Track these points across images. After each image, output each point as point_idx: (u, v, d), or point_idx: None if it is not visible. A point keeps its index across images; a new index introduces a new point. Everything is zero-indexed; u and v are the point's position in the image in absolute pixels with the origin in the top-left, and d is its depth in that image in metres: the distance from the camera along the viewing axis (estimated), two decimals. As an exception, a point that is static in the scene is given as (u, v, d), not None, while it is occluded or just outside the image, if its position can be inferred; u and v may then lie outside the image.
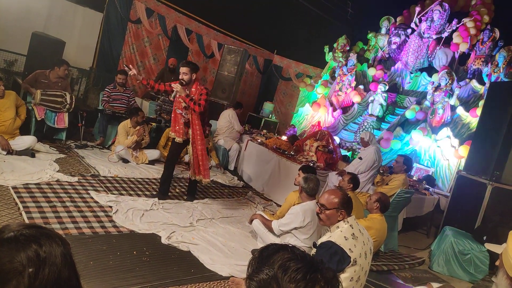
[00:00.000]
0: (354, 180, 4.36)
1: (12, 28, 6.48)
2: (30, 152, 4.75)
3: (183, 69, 4.18)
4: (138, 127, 5.69)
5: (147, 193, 4.63)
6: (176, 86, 4.08)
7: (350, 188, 4.26)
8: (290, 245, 1.10)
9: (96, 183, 4.48)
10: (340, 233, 2.33)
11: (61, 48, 6.53)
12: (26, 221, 3.19)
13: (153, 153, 5.90)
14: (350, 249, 2.26)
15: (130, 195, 4.42)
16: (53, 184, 4.10)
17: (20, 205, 3.42)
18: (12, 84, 6.28)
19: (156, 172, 5.44)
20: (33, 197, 3.67)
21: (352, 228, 2.38)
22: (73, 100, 5.60)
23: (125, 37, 8.19)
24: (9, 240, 1.00)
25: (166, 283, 2.87)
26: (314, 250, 2.37)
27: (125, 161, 5.58)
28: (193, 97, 4.17)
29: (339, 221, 2.40)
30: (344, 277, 2.23)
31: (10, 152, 4.56)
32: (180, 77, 4.20)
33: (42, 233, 1.04)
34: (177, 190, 5.07)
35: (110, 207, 3.91)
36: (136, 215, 3.88)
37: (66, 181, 4.26)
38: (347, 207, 2.39)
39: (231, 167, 6.91)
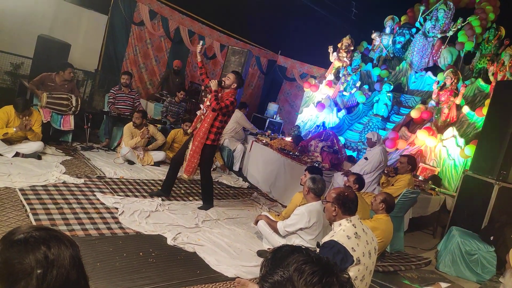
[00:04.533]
0: (359, 180, 4.36)
1: (18, 31, 6.54)
2: (36, 155, 4.80)
3: (229, 74, 4.47)
4: (143, 129, 5.72)
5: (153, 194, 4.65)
6: (212, 81, 4.30)
7: (356, 189, 4.25)
8: (303, 247, 1.09)
9: (102, 185, 4.50)
10: (342, 232, 2.35)
11: (66, 50, 6.57)
12: (33, 222, 3.22)
13: (159, 155, 5.93)
14: (352, 248, 2.27)
15: (136, 196, 4.44)
16: (59, 186, 4.13)
17: (27, 207, 3.45)
18: (19, 87, 6.33)
19: (162, 173, 5.45)
20: (40, 199, 3.70)
21: (355, 227, 2.39)
22: (79, 103, 5.64)
23: (129, 39, 8.24)
24: (19, 242, 1.02)
25: (172, 284, 2.88)
26: (318, 250, 2.37)
27: (131, 162, 5.61)
28: (218, 95, 4.33)
29: (334, 216, 2.43)
30: (349, 277, 2.23)
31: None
32: (224, 78, 4.46)
33: (52, 235, 1.06)
34: (183, 191, 5.09)
35: (116, 208, 3.94)
36: (142, 216, 3.90)
37: (72, 183, 4.29)
38: (342, 205, 2.41)
39: (236, 168, 6.92)
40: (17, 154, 4.64)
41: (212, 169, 6.44)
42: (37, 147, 4.80)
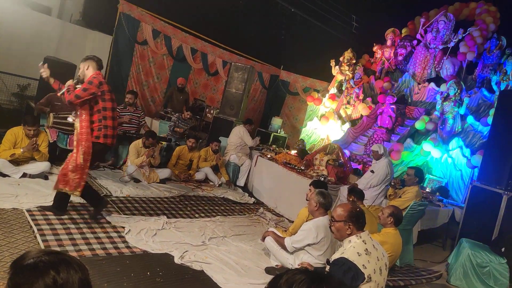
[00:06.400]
0: (352, 191, 4.33)
1: (24, 53, 6.68)
2: (43, 175, 4.83)
3: (80, 64, 3.89)
4: (149, 148, 5.74)
5: (159, 212, 4.64)
6: (67, 83, 3.77)
7: (356, 200, 4.21)
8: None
9: (108, 204, 4.50)
10: (353, 249, 2.31)
11: (72, 71, 6.66)
12: (41, 243, 3.21)
13: (164, 172, 5.94)
14: (363, 265, 2.23)
15: (142, 214, 4.44)
16: (66, 206, 4.13)
17: (35, 228, 3.45)
18: (26, 108, 6.41)
19: (167, 191, 5.46)
20: (47, 219, 3.70)
21: (365, 243, 2.35)
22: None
23: (133, 59, 8.37)
24: (29, 267, 1.03)
25: (180, 304, 2.85)
26: (328, 267, 2.34)
27: (137, 180, 5.61)
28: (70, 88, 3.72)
29: (348, 234, 2.39)
30: (360, 294, 2.19)
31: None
32: (79, 73, 3.90)
33: (61, 260, 1.06)
34: (189, 209, 5.07)
35: (123, 227, 3.93)
36: (149, 235, 3.88)
37: (79, 202, 4.29)
38: (356, 221, 2.39)
39: (241, 183, 6.89)
40: (24, 175, 4.66)
41: (217, 185, 6.46)
42: (44, 167, 4.83)
